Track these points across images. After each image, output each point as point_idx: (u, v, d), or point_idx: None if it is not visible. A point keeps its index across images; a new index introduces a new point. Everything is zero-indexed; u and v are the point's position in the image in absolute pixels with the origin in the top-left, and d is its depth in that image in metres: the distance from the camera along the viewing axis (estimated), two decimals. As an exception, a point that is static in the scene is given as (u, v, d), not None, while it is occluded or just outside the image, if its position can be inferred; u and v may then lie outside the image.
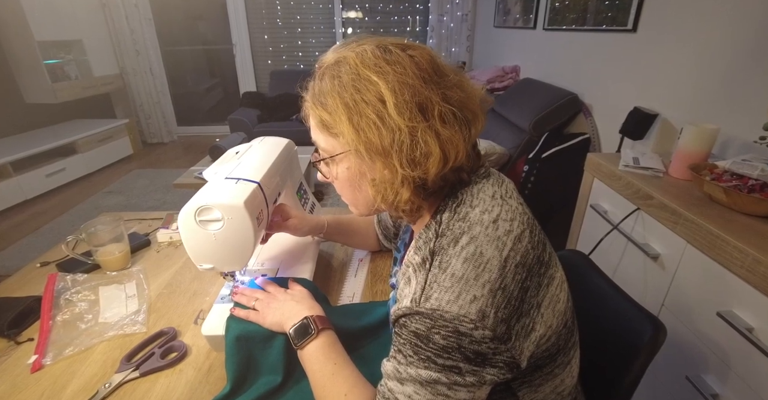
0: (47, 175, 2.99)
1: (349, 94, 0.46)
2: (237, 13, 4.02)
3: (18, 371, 0.65)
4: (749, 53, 1.15)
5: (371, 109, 0.46)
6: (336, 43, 0.53)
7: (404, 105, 0.45)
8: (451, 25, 3.80)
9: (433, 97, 0.46)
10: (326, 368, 0.56)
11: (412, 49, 0.49)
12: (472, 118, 0.49)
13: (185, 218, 0.60)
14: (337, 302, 0.81)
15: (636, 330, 0.63)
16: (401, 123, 0.45)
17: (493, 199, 0.49)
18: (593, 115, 1.96)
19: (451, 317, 0.41)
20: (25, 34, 2.97)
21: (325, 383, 0.55)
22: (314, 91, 0.50)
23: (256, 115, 3.53)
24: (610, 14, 1.78)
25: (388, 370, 0.47)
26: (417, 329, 0.44)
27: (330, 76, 0.49)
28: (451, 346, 0.42)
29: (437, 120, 0.46)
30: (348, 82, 0.47)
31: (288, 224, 0.81)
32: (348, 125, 0.47)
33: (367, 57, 0.47)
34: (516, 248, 0.45)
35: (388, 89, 0.45)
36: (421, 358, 0.44)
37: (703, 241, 0.89)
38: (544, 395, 0.52)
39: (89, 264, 0.90)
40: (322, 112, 0.49)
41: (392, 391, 0.46)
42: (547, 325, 0.47)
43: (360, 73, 0.47)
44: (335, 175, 0.54)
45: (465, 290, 0.42)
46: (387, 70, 0.46)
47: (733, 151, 1.20)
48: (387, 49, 0.48)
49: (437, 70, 0.48)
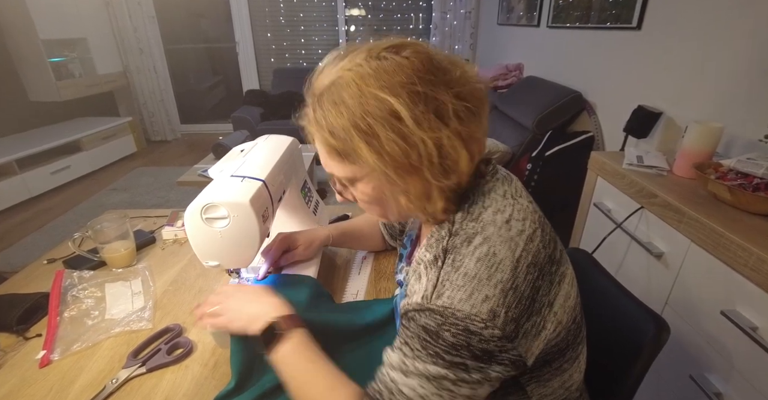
0: (52, 173, 3.01)
1: (360, 118, 0.43)
2: (240, 11, 4.02)
3: (27, 366, 0.65)
4: (754, 51, 1.14)
5: (389, 128, 0.43)
6: (324, 59, 0.49)
7: (422, 116, 0.43)
8: (454, 23, 3.79)
9: (445, 97, 0.44)
10: (302, 369, 0.53)
11: (405, 48, 0.46)
12: (481, 106, 0.48)
13: (192, 215, 0.61)
14: (341, 299, 0.81)
15: (639, 329, 0.63)
16: (424, 135, 0.43)
17: (505, 198, 0.49)
18: (597, 113, 1.95)
19: (463, 316, 0.42)
20: (30, 32, 2.98)
21: (303, 385, 0.53)
22: (317, 120, 0.46)
23: (259, 113, 3.53)
24: (615, 12, 1.78)
25: (393, 361, 0.47)
26: (426, 324, 0.44)
27: (330, 101, 0.45)
28: (460, 343, 0.42)
29: (455, 121, 0.44)
30: (355, 105, 0.43)
31: (296, 254, 0.81)
32: (367, 150, 0.44)
33: (365, 72, 0.44)
34: (528, 248, 0.45)
35: (400, 104, 0.42)
36: (429, 353, 0.44)
37: (708, 239, 0.88)
38: (553, 390, 0.52)
39: (95, 261, 0.91)
40: (333, 141, 0.46)
41: (395, 381, 0.46)
42: (557, 322, 0.47)
43: (364, 92, 0.43)
44: (361, 197, 0.52)
45: (477, 289, 0.42)
46: (392, 82, 0.43)
47: (738, 149, 1.19)
48: (381, 57, 0.45)
49: (439, 67, 0.46)
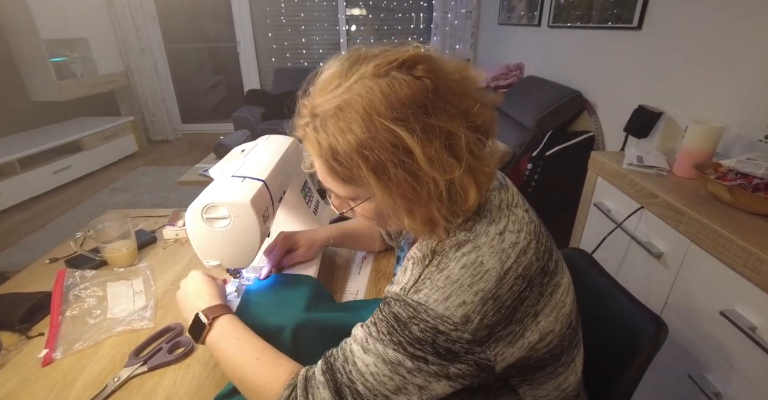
0: (53, 173, 3.01)
1: (369, 150, 0.41)
2: (241, 11, 4.03)
3: (29, 365, 0.66)
4: (754, 51, 1.15)
5: (399, 164, 0.41)
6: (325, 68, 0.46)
7: (435, 155, 0.41)
8: (455, 23, 3.79)
9: (459, 130, 0.42)
10: (230, 347, 0.55)
11: (416, 65, 0.43)
12: (491, 129, 0.47)
13: (192, 215, 0.61)
14: (341, 299, 0.82)
15: (637, 329, 0.64)
16: (437, 176, 0.42)
17: (500, 209, 0.48)
18: (597, 113, 1.95)
19: (435, 315, 0.42)
20: (32, 32, 2.98)
21: (234, 360, 0.54)
22: (318, 142, 0.44)
23: (260, 113, 3.54)
24: (616, 11, 1.77)
25: (358, 336, 0.48)
26: (398, 313, 0.45)
27: (337, 128, 0.42)
28: (425, 339, 0.43)
29: (468, 155, 0.43)
30: (365, 138, 0.41)
31: (297, 255, 0.82)
32: (375, 182, 0.43)
33: (375, 99, 0.41)
34: (519, 260, 0.44)
35: (413, 141, 0.40)
36: (393, 340, 0.44)
37: (707, 240, 0.89)
38: (547, 392, 0.52)
39: (97, 260, 0.91)
40: (337, 166, 0.44)
41: (353, 353, 0.47)
42: (546, 331, 0.47)
43: (375, 122, 0.41)
44: (362, 214, 0.52)
45: (456, 293, 0.42)
46: (405, 113, 0.41)
47: (738, 149, 1.19)
48: (391, 76, 0.42)
49: (455, 91, 0.44)
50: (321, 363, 0.50)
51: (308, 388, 0.48)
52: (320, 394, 0.46)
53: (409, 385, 0.44)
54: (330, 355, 0.50)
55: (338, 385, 0.46)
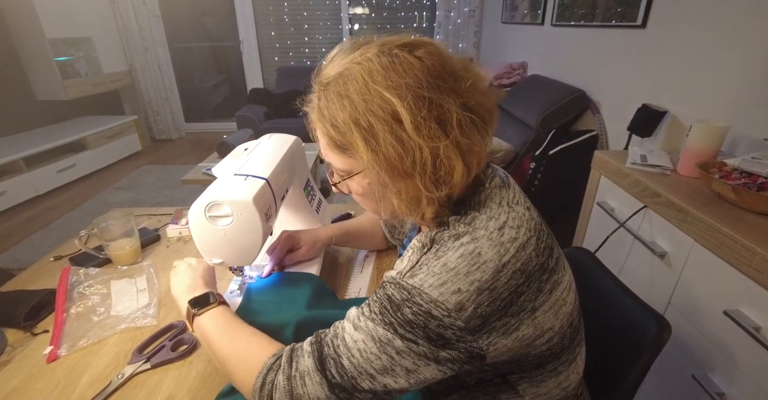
0: (58, 171, 3.03)
1: (362, 115, 0.43)
2: (244, 10, 4.03)
3: (34, 362, 0.66)
4: (759, 50, 1.14)
5: (387, 130, 0.43)
6: (336, 47, 0.49)
7: (423, 123, 0.42)
8: (458, 21, 3.78)
9: (451, 106, 0.44)
10: (226, 329, 0.57)
11: (419, 47, 0.46)
12: (489, 117, 0.48)
13: (195, 213, 0.62)
14: (343, 297, 0.82)
15: (641, 328, 0.63)
16: (422, 143, 0.43)
17: (500, 206, 0.49)
18: (601, 112, 1.94)
19: (429, 300, 0.43)
20: (37, 31, 3.00)
21: (225, 343, 0.55)
22: (320, 109, 0.47)
23: (263, 112, 3.54)
24: (619, 10, 1.77)
25: (351, 314, 0.49)
26: (392, 295, 0.45)
27: (336, 93, 0.45)
28: (417, 323, 0.43)
29: (457, 131, 0.44)
30: (359, 102, 0.43)
31: (299, 254, 0.82)
32: (364, 147, 0.44)
33: (374, 69, 0.43)
34: (518, 255, 0.45)
35: (403, 107, 0.42)
36: (384, 320, 0.45)
37: (711, 239, 0.88)
38: (548, 390, 0.52)
39: (101, 258, 0.92)
40: (334, 133, 0.46)
41: (344, 329, 0.48)
42: (545, 327, 0.47)
43: (370, 89, 0.43)
44: (355, 190, 0.53)
45: (451, 280, 0.43)
46: (399, 83, 0.43)
47: (743, 149, 1.18)
48: (393, 54, 0.44)
49: (451, 73, 0.45)
50: (311, 337, 0.51)
51: (293, 356, 0.49)
52: (303, 362, 0.47)
53: (397, 366, 0.44)
54: (321, 331, 0.51)
55: (323, 356, 0.47)
